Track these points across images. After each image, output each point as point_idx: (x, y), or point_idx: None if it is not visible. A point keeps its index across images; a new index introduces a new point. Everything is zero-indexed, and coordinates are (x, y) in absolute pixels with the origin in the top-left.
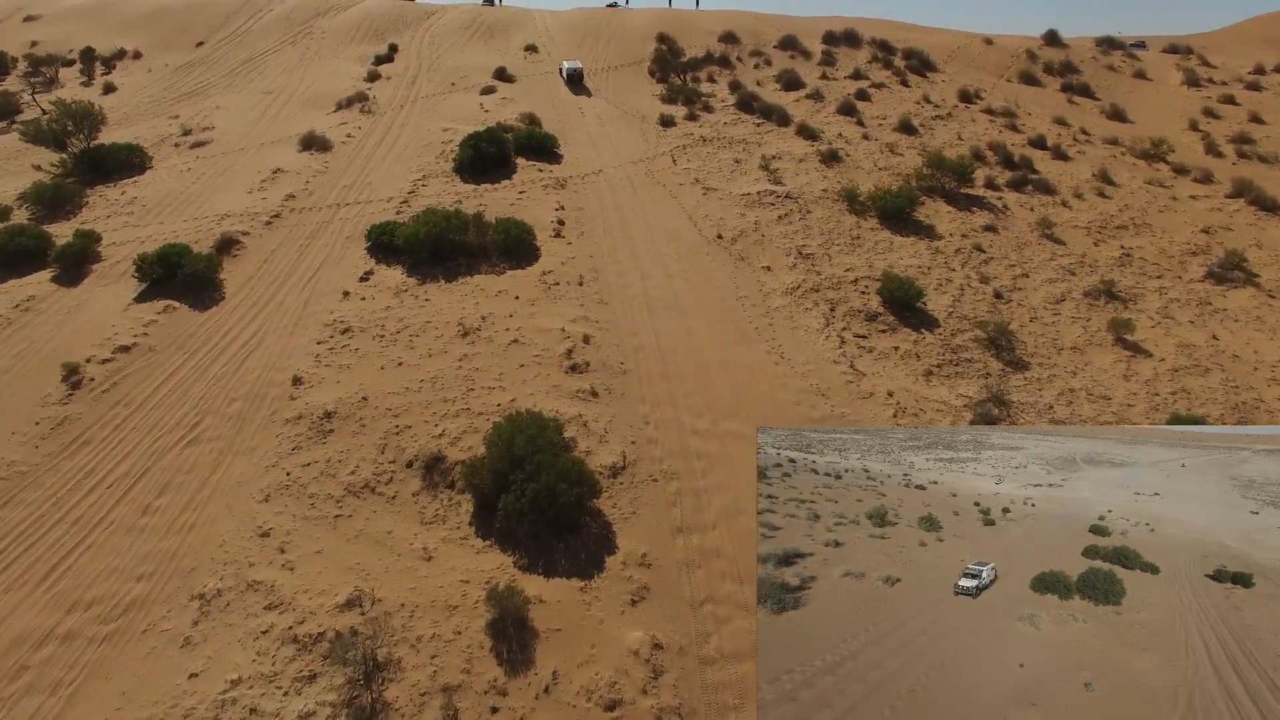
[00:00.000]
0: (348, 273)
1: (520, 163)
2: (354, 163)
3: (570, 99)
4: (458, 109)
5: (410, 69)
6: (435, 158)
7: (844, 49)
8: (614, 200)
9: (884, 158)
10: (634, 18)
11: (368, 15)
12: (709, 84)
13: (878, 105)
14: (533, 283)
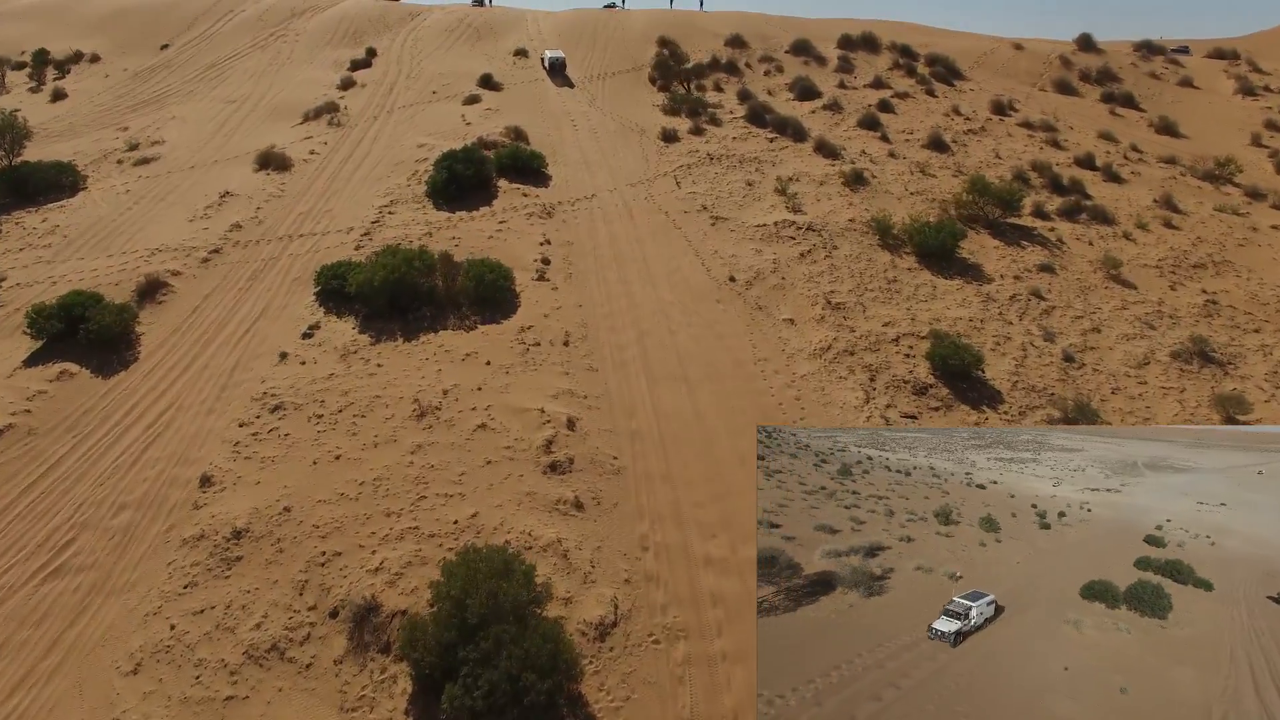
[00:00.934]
0: (289, 326)
1: (502, 185)
2: (314, 185)
3: (561, 110)
4: (437, 121)
5: (389, 75)
6: (407, 179)
7: (862, 54)
8: (608, 232)
9: (915, 180)
10: (633, 20)
11: (347, 17)
12: (715, 93)
13: (903, 118)
14: (509, 342)
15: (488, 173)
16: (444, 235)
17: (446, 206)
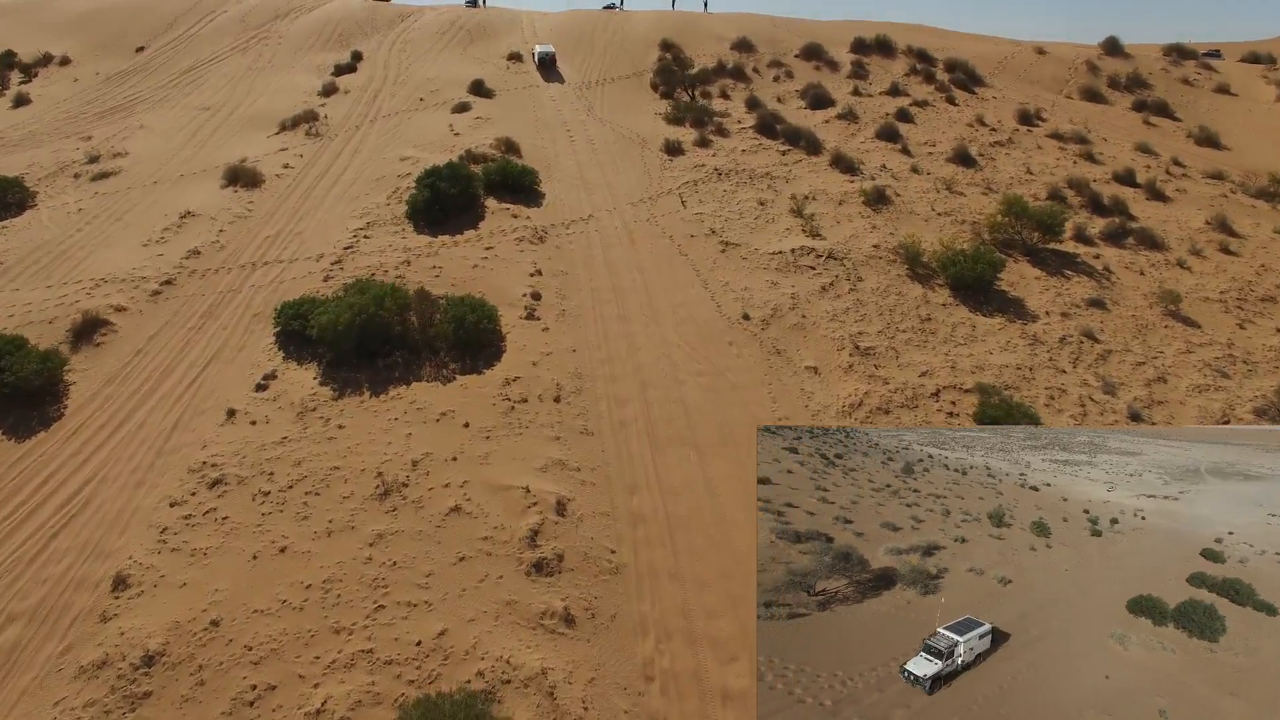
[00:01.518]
0: (242, 375)
1: (491, 205)
2: (286, 203)
3: (557, 119)
4: (423, 131)
5: (374, 81)
6: (387, 197)
7: (876, 59)
8: (606, 260)
9: (942, 198)
10: (634, 22)
11: (333, 18)
12: (722, 100)
13: (923, 128)
14: (491, 397)
15: (474, 191)
16: (424, 264)
17: (428, 229)
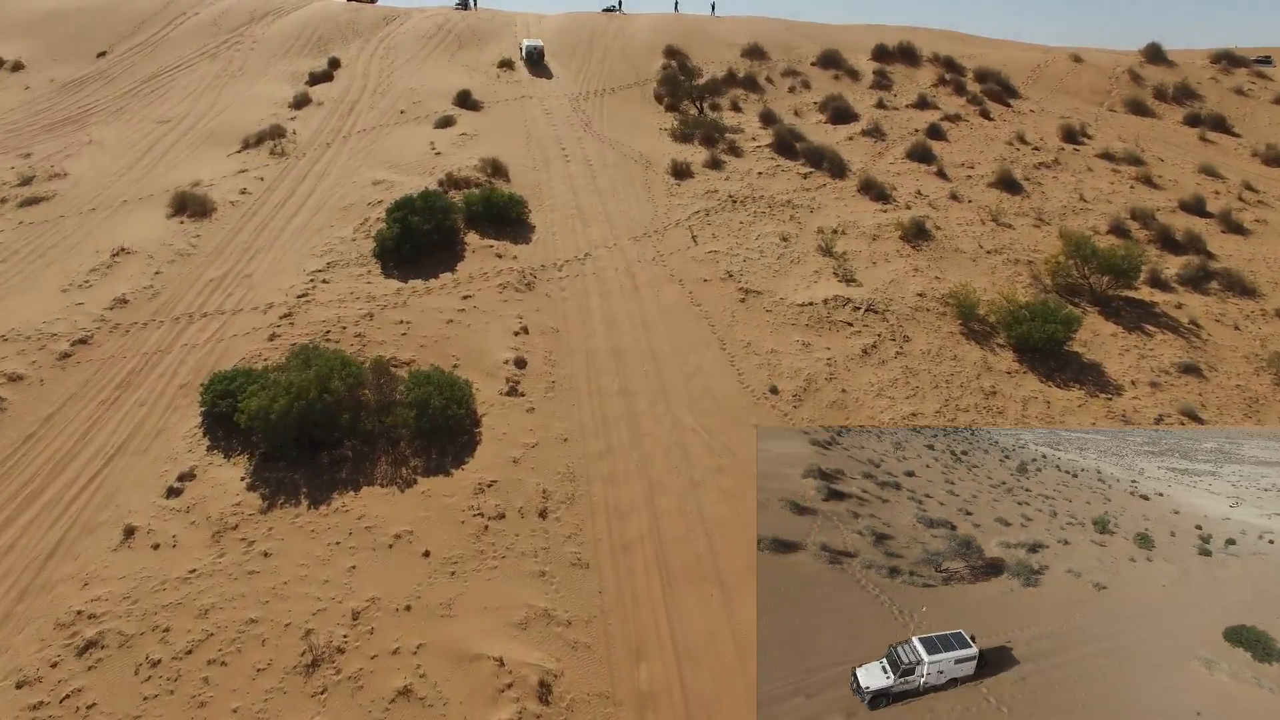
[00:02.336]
0: (154, 473)
1: (472, 241)
2: (237, 238)
3: (550, 135)
4: (401, 150)
5: (351, 91)
6: (354, 231)
7: (900, 67)
8: (605, 312)
9: (989, 232)
10: (635, 26)
11: (311, 22)
12: (733, 113)
13: (958, 146)
14: (460, 510)
15: (453, 226)
16: (389, 318)
17: (398, 272)
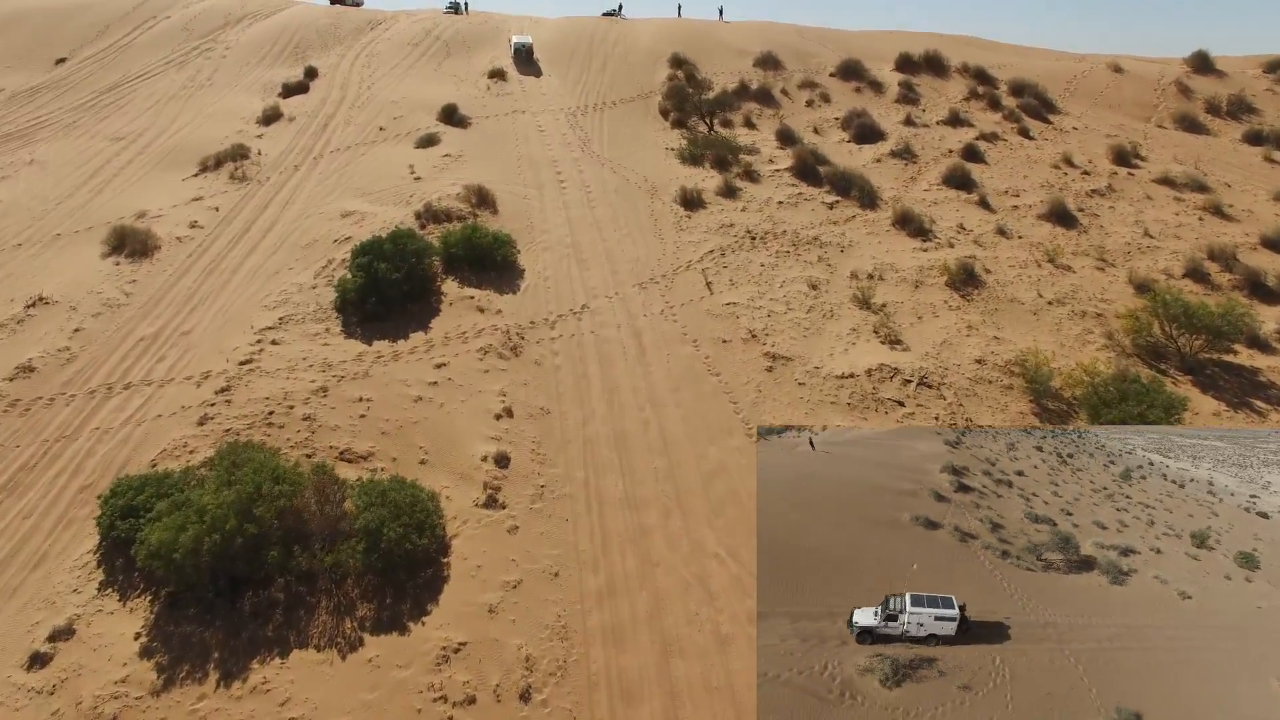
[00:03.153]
0: (21, 625)
1: (450, 290)
2: (180, 283)
3: (544, 156)
4: (376, 174)
5: (327, 105)
6: (315, 275)
7: (926, 78)
8: (605, 384)
9: (1048, 278)
10: (638, 32)
11: (290, 27)
12: (747, 130)
13: (999, 170)
14: (417, 692)
15: (427, 273)
16: (346, 393)
17: (361, 330)
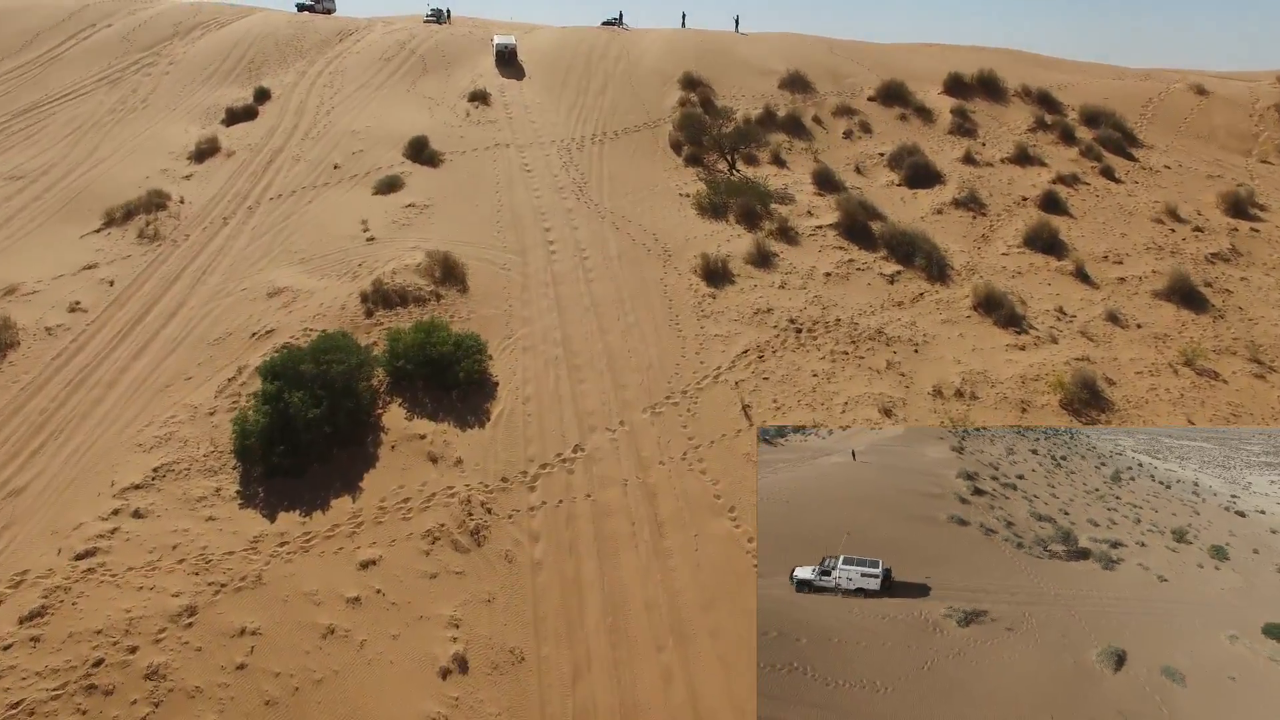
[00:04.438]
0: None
1: (395, 422)
2: (30, 404)
3: (530, 206)
4: (322, 231)
5: (275, 135)
6: (217, 394)
7: (982, 104)
8: (608, 597)
9: (1192, 391)
10: (644, 46)
11: (246, 38)
12: (776, 169)
13: (1089, 225)
14: None
15: (361, 402)
16: (222, 623)
17: (264, 492)
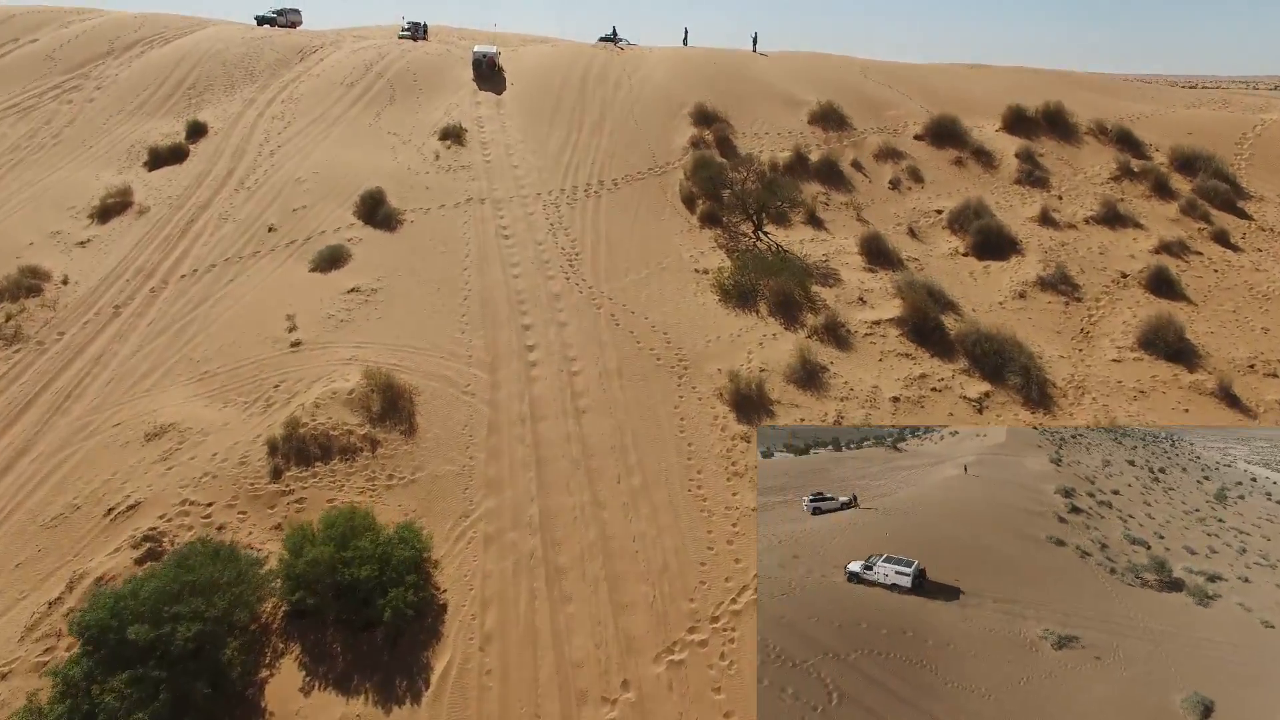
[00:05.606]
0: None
1: (278, 693)
2: None
3: (505, 290)
4: (236, 331)
5: (203, 186)
6: (22, 635)
7: (1049, 142)
8: None
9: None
10: (647, 69)
11: (190, 57)
12: (813, 232)
13: (1215, 316)
14: None
15: (226, 678)
16: None
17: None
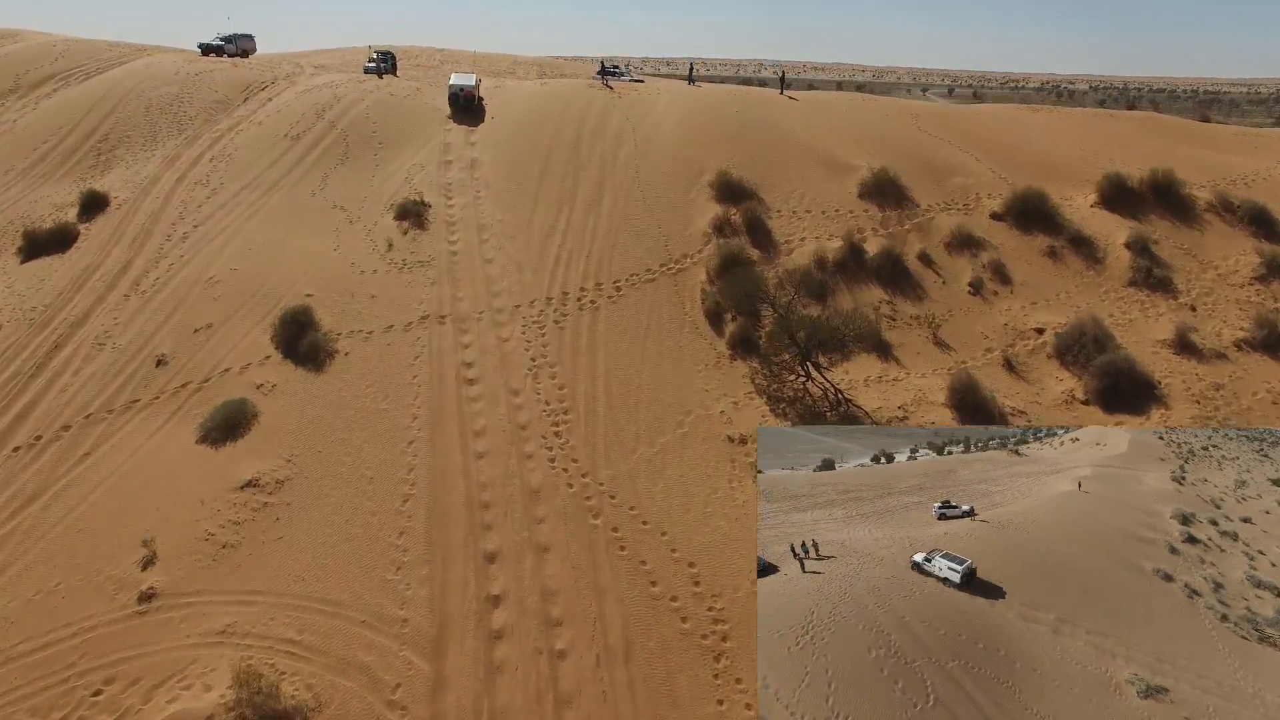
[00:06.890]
0: None
1: None
2: None
3: (463, 491)
4: (64, 568)
5: (87, 288)
6: None
7: (1159, 220)
8: None
9: None
10: (655, 118)
11: (109, 97)
12: (879, 365)
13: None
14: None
15: None
16: None
17: None
